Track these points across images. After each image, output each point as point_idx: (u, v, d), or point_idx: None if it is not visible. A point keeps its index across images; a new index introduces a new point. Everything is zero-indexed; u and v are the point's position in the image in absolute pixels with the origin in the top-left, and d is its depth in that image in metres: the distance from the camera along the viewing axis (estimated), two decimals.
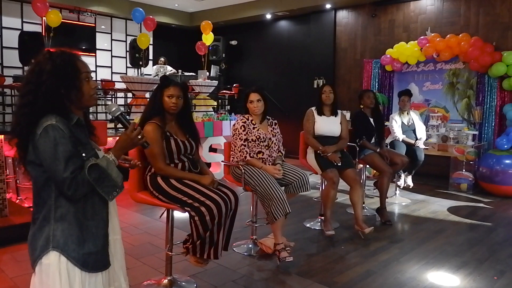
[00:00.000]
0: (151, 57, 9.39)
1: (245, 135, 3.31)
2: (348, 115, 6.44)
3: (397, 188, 5.35)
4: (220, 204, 2.47)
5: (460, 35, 6.27)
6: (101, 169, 1.46)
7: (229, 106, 9.24)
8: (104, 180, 1.46)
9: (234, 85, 8.84)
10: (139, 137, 1.57)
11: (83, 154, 1.47)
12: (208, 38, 7.93)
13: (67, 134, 1.42)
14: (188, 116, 2.75)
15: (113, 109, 1.62)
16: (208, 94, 7.66)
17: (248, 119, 3.38)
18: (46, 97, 1.43)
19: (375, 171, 5.88)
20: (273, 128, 3.48)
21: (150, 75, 8.66)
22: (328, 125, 3.95)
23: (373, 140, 4.48)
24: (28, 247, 1.50)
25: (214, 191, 2.54)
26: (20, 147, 1.47)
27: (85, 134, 1.55)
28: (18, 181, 4.68)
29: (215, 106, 7.90)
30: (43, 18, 6.94)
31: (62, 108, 1.47)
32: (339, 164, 3.78)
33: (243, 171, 3.20)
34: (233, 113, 7.30)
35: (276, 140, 3.45)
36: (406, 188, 5.39)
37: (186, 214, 2.55)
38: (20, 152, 1.48)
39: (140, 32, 8.44)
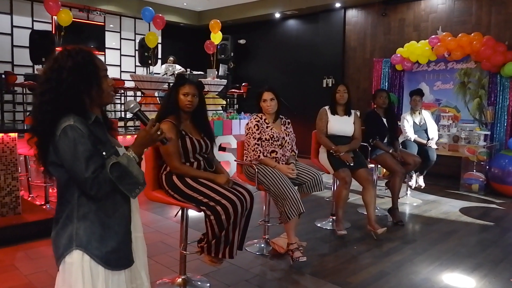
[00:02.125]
0: (159, 56, 9.42)
1: (258, 134, 3.30)
2: (357, 114, 6.40)
3: (408, 188, 5.31)
4: (235, 204, 2.46)
5: (472, 34, 6.21)
6: (122, 167, 1.44)
7: (237, 105, 9.24)
8: (125, 178, 1.45)
9: (243, 84, 8.84)
10: (158, 133, 1.55)
11: (103, 153, 1.46)
12: (216, 37, 7.93)
13: (86, 133, 1.41)
14: (203, 115, 2.74)
15: (132, 105, 1.60)
16: (217, 93, 7.66)
17: (261, 118, 3.36)
18: (68, 94, 1.42)
19: (385, 171, 5.84)
20: (286, 127, 3.46)
21: (159, 73, 8.68)
22: (341, 124, 3.92)
23: (385, 140, 4.45)
24: (52, 246, 1.50)
25: (229, 190, 2.53)
26: (40, 147, 1.45)
27: (104, 131, 1.54)
28: (30, 179, 4.71)
29: (224, 105, 7.89)
30: (54, 17, 6.98)
31: (81, 107, 1.45)
32: (351, 164, 3.76)
33: (256, 170, 3.18)
34: (242, 112, 7.29)
35: (289, 139, 3.43)
36: (418, 188, 5.35)
37: (199, 213, 2.54)
38: (40, 151, 1.46)
39: (149, 30, 8.45)
